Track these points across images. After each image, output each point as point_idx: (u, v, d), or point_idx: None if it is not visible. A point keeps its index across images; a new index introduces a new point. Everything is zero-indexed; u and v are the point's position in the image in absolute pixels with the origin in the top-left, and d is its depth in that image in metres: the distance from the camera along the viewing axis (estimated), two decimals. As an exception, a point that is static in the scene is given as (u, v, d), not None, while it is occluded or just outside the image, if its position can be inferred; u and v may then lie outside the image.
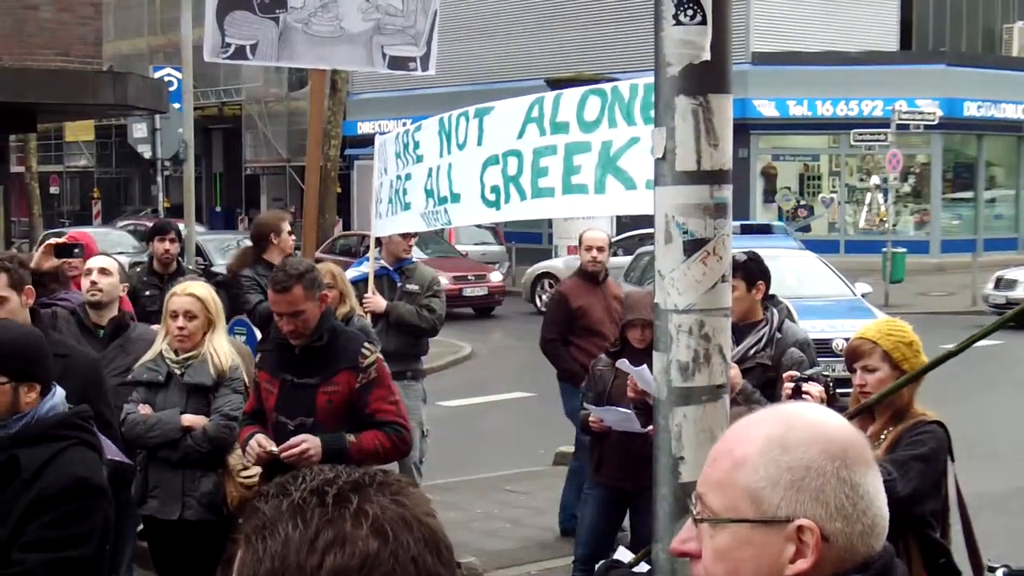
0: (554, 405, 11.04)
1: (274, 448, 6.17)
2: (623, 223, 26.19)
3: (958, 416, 15.07)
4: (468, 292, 29.16)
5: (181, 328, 6.90)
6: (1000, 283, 26.71)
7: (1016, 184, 43.51)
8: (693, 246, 3.49)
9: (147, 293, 10.02)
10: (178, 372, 6.97)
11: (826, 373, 5.93)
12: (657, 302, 3.62)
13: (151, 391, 7.03)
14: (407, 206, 8.89)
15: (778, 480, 2.06)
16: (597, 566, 5.71)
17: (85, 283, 7.67)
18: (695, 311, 3.49)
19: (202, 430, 6.89)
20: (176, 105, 29.90)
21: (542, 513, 11.14)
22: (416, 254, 30.32)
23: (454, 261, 30.26)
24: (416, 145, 8.72)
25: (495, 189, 7.69)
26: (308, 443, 6.11)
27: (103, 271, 7.67)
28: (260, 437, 6.28)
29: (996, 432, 14.34)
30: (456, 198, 8.16)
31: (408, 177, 8.83)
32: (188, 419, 6.93)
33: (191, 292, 7.04)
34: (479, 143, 7.85)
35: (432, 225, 8.88)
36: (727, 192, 3.60)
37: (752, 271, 7.15)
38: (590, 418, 7.66)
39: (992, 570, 5.22)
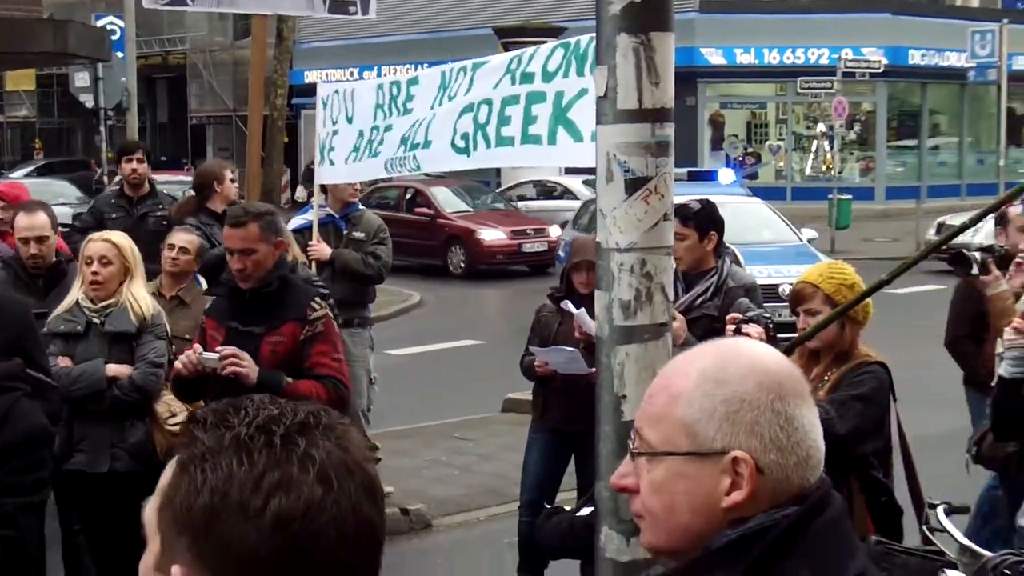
0: (503, 352, 11.06)
1: (210, 355, 6.09)
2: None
3: (904, 361, 15.18)
4: (528, 248, 26.35)
5: (95, 273, 6.76)
6: (941, 229, 26.93)
7: (959, 132, 43.83)
8: (634, 184, 3.48)
9: (113, 216, 9.89)
10: (97, 321, 6.80)
11: (767, 315, 5.96)
12: (599, 241, 3.62)
13: (70, 343, 6.84)
14: (376, 154, 8.81)
15: (713, 413, 2.06)
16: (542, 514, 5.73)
17: (23, 250, 7.55)
18: (636, 249, 3.49)
19: (128, 379, 6.77)
20: (119, 54, 29.54)
21: (490, 460, 11.18)
22: (459, 207, 29.42)
23: (509, 215, 28.08)
24: (409, 98, 8.60)
25: (465, 136, 7.69)
26: (246, 362, 6.03)
27: (40, 240, 7.51)
28: (197, 346, 6.18)
29: (940, 375, 14.46)
30: (428, 144, 8.13)
31: (389, 128, 8.72)
32: (113, 369, 6.79)
33: (107, 238, 6.95)
34: (466, 93, 7.83)
35: (396, 171, 8.84)
36: (669, 130, 3.60)
37: (705, 220, 7.12)
38: (536, 362, 7.67)
39: (933, 507, 5.28)
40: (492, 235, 26.33)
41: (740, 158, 41.32)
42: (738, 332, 5.71)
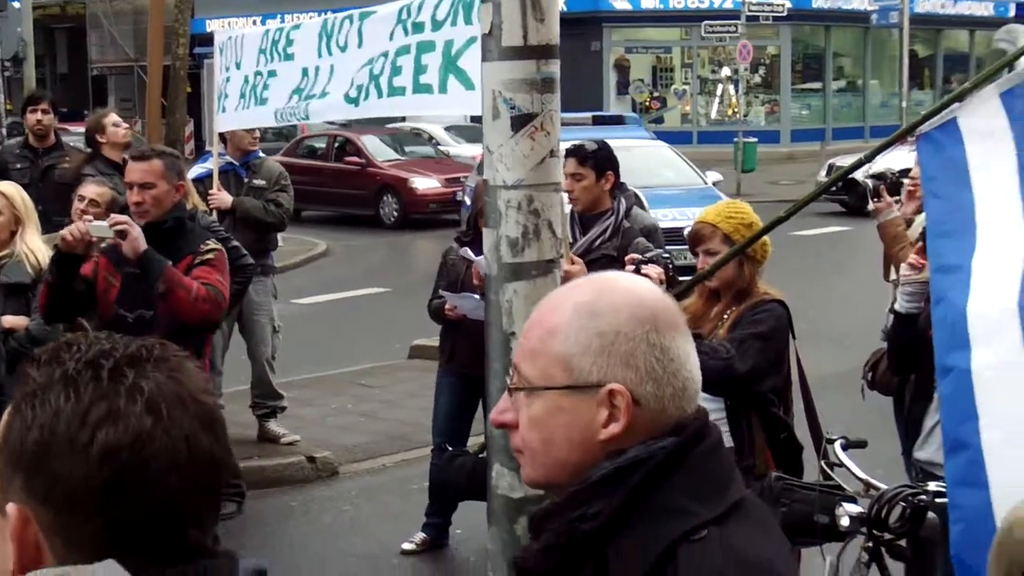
0: (409, 299, 11.02)
1: (99, 223, 6.04)
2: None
3: (806, 300, 15.38)
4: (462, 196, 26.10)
5: None
6: (831, 170, 27.18)
7: (863, 75, 44.20)
8: (520, 121, 3.46)
9: (18, 167, 9.71)
10: None
11: (666, 255, 5.96)
12: (487, 179, 3.60)
13: None
14: (263, 101, 8.79)
15: (588, 346, 2.06)
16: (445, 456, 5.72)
17: None
18: (524, 187, 3.47)
19: (25, 331, 6.67)
20: (15, 4, 28.96)
21: (396, 407, 11.15)
22: (390, 155, 28.59)
23: (441, 163, 27.35)
24: (289, 43, 8.61)
25: (359, 87, 7.70)
26: (136, 229, 6.04)
27: None
28: (88, 216, 6.18)
29: (842, 315, 14.65)
30: (324, 95, 8.13)
31: (272, 74, 8.73)
32: (9, 320, 6.69)
33: None
34: (359, 45, 7.81)
35: (286, 121, 8.93)
36: (554, 67, 3.57)
37: (602, 160, 7.17)
38: (445, 306, 7.63)
39: (831, 442, 5.33)
40: (425, 183, 25.68)
41: (646, 103, 41.40)
42: (637, 273, 5.72)
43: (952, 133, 4.21)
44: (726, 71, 40.56)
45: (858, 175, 7.64)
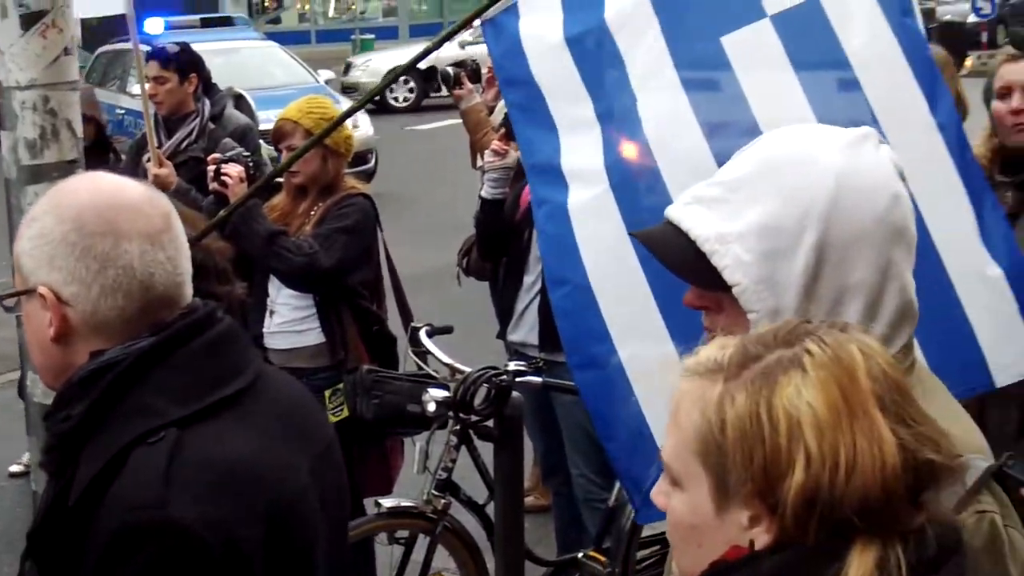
0: None
1: None
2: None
3: (430, 194, 15.51)
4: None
5: None
6: (349, 69, 27.35)
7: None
8: (30, 19, 3.30)
9: None
10: None
11: (246, 154, 5.88)
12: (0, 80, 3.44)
13: None
14: None
15: (26, 250, 2.07)
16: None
17: None
18: (38, 86, 3.33)
19: None
20: None
21: (5, 325, 10.65)
22: None
23: None
24: None
25: None
26: None
27: None
28: None
29: (464, 207, 14.81)
30: None
31: None
32: None
33: None
34: None
35: None
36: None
37: (184, 63, 7.08)
38: None
39: (416, 329, 5.38)
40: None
41: (263, 3, 40.70)
42: (218, 173, 5.61)
43: (512, 14, 4.25)
44: (340, -32, 40.32)
45: (441, 64, 7.67)
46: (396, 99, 25.34)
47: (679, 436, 1.59)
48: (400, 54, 26.65)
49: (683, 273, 2.07)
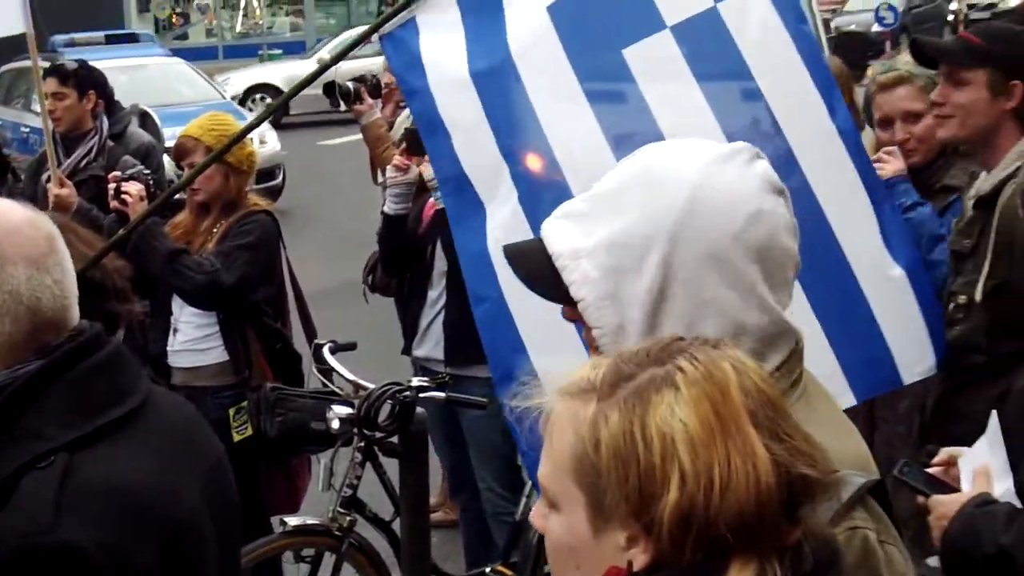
0: None
1: None
2: None
3: (338, 209, 15.41)
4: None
5: None
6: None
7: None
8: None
9: None
10: None
11: (147, 172, 5.85)
12: None
13: None
14: None
15: None
16: None
17: None
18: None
19: None
20: None
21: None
22: None
23: None
24: None
25: None
26: None
27: None
28: None
29: (372, 222, 14.74)
30: None
31: None
32: None
33: None
34: None
35: None
36: None
37: (83, 80, 7.05)
38: None
39: (320, 347, 5.36)
40: None
41: (169, 19, 40.36)
42: (117, 191, 5.57)
43: (411, 30, 4.27)
44: (248, -18, 40.11)
45: (340, 78, 7.63)
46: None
47: (554, 457, 1.58)
48: (255, 72, 26.70)
49: (537, 288, 2.06)
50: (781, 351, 1.96)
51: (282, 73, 26.15)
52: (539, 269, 2.00)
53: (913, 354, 3.89)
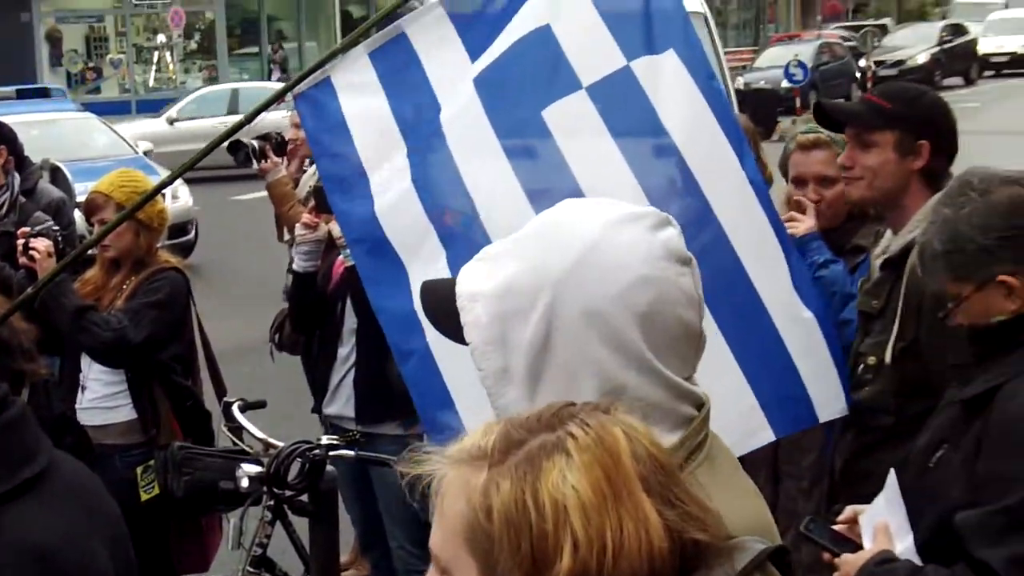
0: None
1: None
2: None
3: (251, 264, 15.32)
4: None
5: None
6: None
7: (298, 36, 44.56)
8: None
9: None
10: None
11: (56, 227, 5.83)
12: None
13: None
14: None
15: None
16: None
17: None
18: None
19: None
20: None
21: None
22: None
23: None
24: None
25: None
26: None
27: None
28: None
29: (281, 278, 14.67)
30: None
31: None
32: None
33: None
34: None
35: None
36: None
37: None
38: None
39: (229, 404, 5.33)
40: None
41: (82, 74, 40.11)
42: (27, 247, 5.53)
43: (327, 90, 4.30)
44: (161, 38, 39.94)
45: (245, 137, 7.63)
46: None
47: (445, 525, 1.57)
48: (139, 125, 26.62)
49: (439, 327, 2.09)
50: (681, 416, 1.96)
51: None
52: (445, 308, 2.02)
53: (827, 393, 3.95)
